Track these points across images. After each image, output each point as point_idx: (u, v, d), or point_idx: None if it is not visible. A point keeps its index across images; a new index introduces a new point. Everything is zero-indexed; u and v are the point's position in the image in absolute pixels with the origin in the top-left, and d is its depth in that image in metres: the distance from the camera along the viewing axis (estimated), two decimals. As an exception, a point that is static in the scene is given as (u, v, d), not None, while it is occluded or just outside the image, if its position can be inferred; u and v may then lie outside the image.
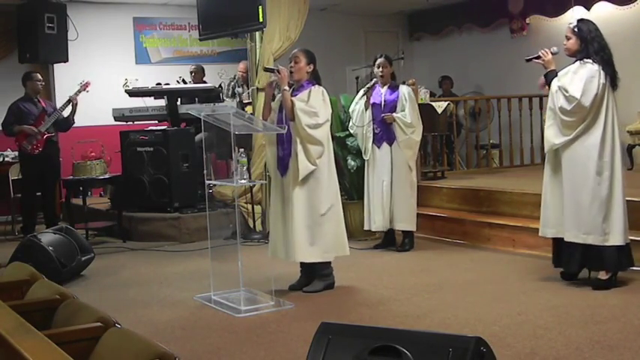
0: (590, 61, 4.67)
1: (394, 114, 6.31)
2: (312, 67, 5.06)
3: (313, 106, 4.91)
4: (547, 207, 4.94)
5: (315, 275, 5.11)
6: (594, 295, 4.61)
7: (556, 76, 4.79)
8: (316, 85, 5.04)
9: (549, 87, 4.80)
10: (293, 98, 4.92)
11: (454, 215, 7.05)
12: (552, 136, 4.79)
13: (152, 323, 4.48)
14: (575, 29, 4.76)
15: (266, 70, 5.63)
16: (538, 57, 4.92)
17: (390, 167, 6.36)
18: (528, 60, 5.03)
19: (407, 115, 6.30)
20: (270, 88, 5.17)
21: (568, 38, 4.80)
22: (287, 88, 4.95)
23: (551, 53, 4.90)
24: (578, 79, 4.65)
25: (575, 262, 4.81)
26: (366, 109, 6.45)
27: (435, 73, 11.00)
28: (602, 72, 4.64)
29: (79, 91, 7.74)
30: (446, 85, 10.65)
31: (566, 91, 4.65)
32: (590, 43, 4.70)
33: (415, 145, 6.42)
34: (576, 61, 4.76)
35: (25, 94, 7.77)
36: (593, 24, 4.80)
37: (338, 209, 5.10)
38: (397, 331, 2.42)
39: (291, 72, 5.00)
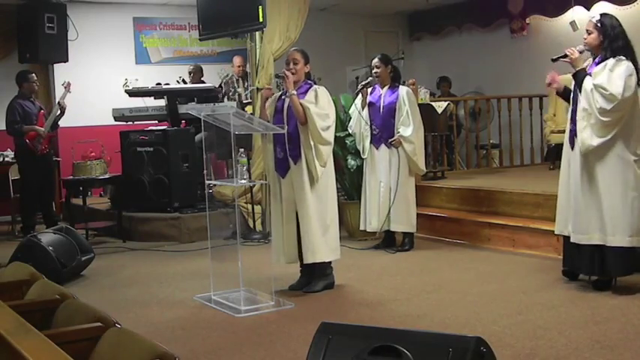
0: (624, 57, 4.48)
1: (398, 134, 6.25)
2: (308, 67, 5.07)
3: (324, 108, 4.92)
4: (579, 213, 4.66)
5: (315, 275, 5.11)
6: (594, 295, 4.61)
7: (586, 74, 4.56)
8: (318, 86, 5.04)
9: (580, 87, 4.56)
10: (302, 101, 4.89)
11: (454, 215, 7.05)
12: (588, 137, 4.51)
13: (152, 323, 4.48)
14: (598, 24, 4.59)
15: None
16: (565, 56, 4.67)
17: (389, 169, 6.35)
18: (555, 60, 4.76)
19: (407, 129, 6.24)
20: (266, 101, 5.21)
21: (589, 32, 4.63)
22: (295, 92, 4.92)
23: (578, 51, 4.65)
24: (617, 76, 4.42)
25: (615, 266, 4.63)
26: (362, 108, 6.45)
27: (435, 73, 11.00)
28: (635, 69, 4.47)
29: (65, 94, 7.72)
30: (444, 87, 10.63)
31: (606, 90, 4.41)
32: (614, 40, 4.53)
33: (420, 148, 6.39)
34: (604, 58, 4.54)
35: (22, 93, 7.73)
36: (617, 19, 4.63)
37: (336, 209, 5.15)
38: (397, 331, 2.42)
39: (292, 74, 4.98)
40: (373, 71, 6.42)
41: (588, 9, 8.80)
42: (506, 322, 4.14)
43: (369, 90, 6.49)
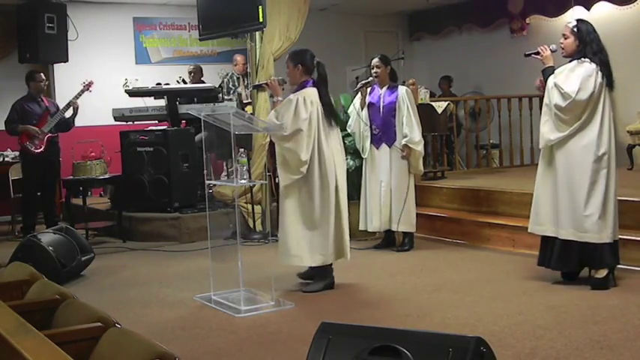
0: (588, 60, 4.68)
1: (406, 140, 6.24)
2: (299, 67, 5.05)
3: (280, 118, 4.92)
4: (538, 204, 4.96)
5: (314, 275, 5.12)
6: (594, 295, 4.61)
7: (553, 72, 4.80)
8: (301, 90, 5.01)
9: (546, 83, 4.81)
10: (273, 110, 5.02)
11: (454, 215, 7.05)
12: (547, 131, 4.79)
13: (152, 323, 4.48)
14: (575, 29, 4.76)
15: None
16: (537, 53, 4.94)
17: (389, 169, 6.35)
18: (527, 55, 5.05)
19: (413, 130, 6.23)
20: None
21: (565, 37, 4.80)
22: (279, 98, 5.04)
23: (550, 50, 4.91)
24: (575, 76, 4.65)
25: (573, 261, 4.81)
26: (362, 108, 6.45)
27: (435, 73, 11.00)
28: (599, 72, 4.65)
29: (82, 92, 7.72)
30: (444, 85, 10.64)
31: (562, 89, 4.66)
32: (588, 44, 4.70)
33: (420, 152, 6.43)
34: (572, 60, 4.76)
35: (29, 93, 7.76)
36: (591, 25, 4.80)
37: (337, 212, 5.08)
38: (397, 331, 2.42)
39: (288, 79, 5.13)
40: (373, 71, 6.42)
41: (588, 9, 8.80)
42: (506, 322, 4.14)
43: (368, 90, 6.49)
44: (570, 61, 4.77)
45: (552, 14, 9.58)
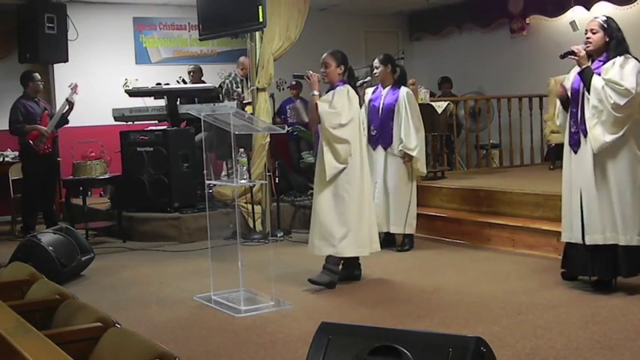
0: (630, 56, 4.49)
1: (402, 146, 6.23)
2: (342, 68, 5.17)
3: (335, 107, 5.03)
4: (592, 212, 4.58)
5: (324, 266, 5.15)
6: (594, 295, 4.61)
7: (594, 72, 4.51)
8: (343, 85, 5.13)
9: (588, 87, 4.50)
10: (317, 101, 5.05)
11: (454, 215, 7.05)
12: (600, 134, 4.46)
13: (152, 323, 4.48)
14: (605, 24, 4.54)
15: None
16: (572, 52, 4.60)
17: (384, 170, 6.34)
18: (563, 56, 4.68)
19: (409, 137, 6.21)
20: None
21: (594, 32, 4.55)
22: (317, 92, 5.10)
23: (584, 50, 4.59)
24: (629, 72, 4.40)
25: (624, 266, 4.61)
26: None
27: (435, 74, 11.00)
28: None
29: (71, 95, 7.76)
30: (445, 87, 10.64)
31: (620, 85, 4.37)
32: (621, 42, 4.52)
33: (422, 150, 6.41)
34: (607, 57, 4.51)
35: (26, 93, 7.78)
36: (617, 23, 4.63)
37: (367, 205, 5.20)
38: (397, 331, 2.42)
39: (324, 77, 5.17)
40: (373, 72, 6.43)
41: (588, 9, 8.80)
42: (506, 322, 4.15)
43: (371, 90, 6.49)
44: (607, 59, 4.52)
45: (552, 14, 9.58)
